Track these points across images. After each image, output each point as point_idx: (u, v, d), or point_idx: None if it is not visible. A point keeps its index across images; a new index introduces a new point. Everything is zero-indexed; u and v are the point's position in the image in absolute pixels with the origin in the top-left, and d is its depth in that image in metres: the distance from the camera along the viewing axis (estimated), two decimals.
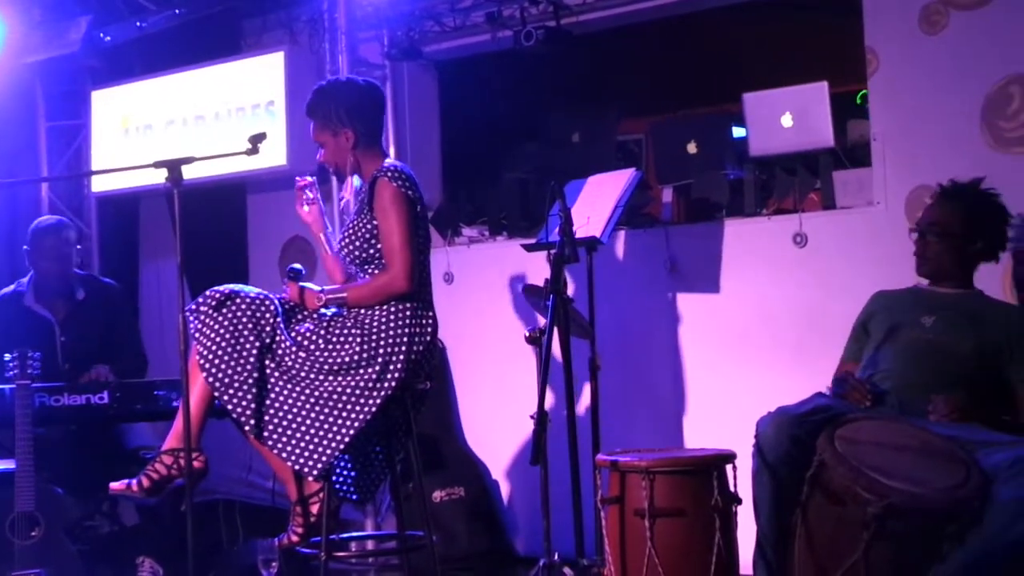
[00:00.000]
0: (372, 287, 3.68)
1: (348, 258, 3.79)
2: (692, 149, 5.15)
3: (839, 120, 4.69)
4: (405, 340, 3.64)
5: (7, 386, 4.23)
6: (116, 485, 3.65)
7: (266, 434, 3.59)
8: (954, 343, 3.59)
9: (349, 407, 3.59)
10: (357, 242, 3.72)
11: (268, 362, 3.62)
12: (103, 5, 6.12)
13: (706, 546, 3.48)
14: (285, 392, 3.61)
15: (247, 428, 3.59)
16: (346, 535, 4.46)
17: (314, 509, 3.71)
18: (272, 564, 3.68)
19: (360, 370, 3.61)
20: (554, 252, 3.79)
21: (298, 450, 3.57)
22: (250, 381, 3.57)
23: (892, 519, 3.06)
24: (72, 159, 6.63)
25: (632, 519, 3.53)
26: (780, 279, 4.75)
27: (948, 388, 3.51)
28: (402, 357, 3.63)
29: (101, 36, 6.18)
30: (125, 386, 4.59)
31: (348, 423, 3.58)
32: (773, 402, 3.50)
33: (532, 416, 3.47)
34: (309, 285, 3.73)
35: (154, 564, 4.60)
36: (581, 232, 4.27)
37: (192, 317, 3.62)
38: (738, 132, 5.13)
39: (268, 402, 3.60)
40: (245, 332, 3.59)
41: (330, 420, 3.58)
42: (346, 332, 3.63)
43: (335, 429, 3.57)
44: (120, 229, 6.79)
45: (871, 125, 4.63)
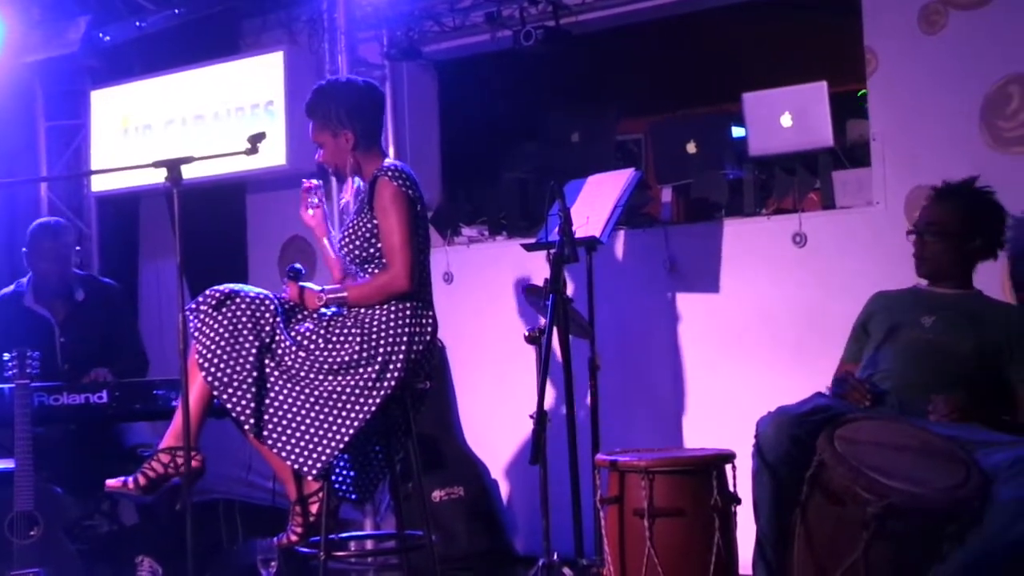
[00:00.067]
0: (372, 286, 3.68)
1: (348, 257, 3.78)
2: (691, 149, 5.15)
3: (838, 120, 4.68)
4: (405, 339, 3.64)
5: (6, 385, 4.22)
6: (112, 482, 3.65)
7: (265, 433, 3.59)
8: (954, 343, 3.59)
9: (349, 406, 3.59)
10: (357, 241, 3.72)
11: (268, 361, 3.61)
12: (102, 5, 6.11)
13: (705, 546, 3.48)
14: (285, 391, 3.61)
15: (246, 427, 3.59)
16: (345, 535, 4.46)
17: (313, 509, 3.71)
18: (271, 564, 3.68)
19: (360, 369, 3.60)
20: (554, 252, 3.79)
21: (297, 449, 3.57)
22: (249, 380, 3.57)
23: (892, 519, 3.06)
24: (71, 159, 6.62)
25: (631, 519, 3.53)
26: (779, 279, 4.75)
27: (948, 388, 3.51)
28: (402, 356, 3.63)
29: (100, 36, 6.17)
30: (124, 385, 4.59)
31: (348, 422, 3.58)
32: (773, 402, 3.50)
33: (531, 416, 3.47)
34: (309, 285, 3.73)
35: (153, 563, 4.60)
36: (580, 232, 4.26)
37: (192, 316, 3.62)
38: (737, 132, 5.13)
39: (268, 401, 3.60)
40: (244, 331, 3.59)
41: (330, 419, 3.58)
42: (346, 331, 3.63)
43: (334, 428, 3.57)
44: (120, 229, 6.79)
45: (870, 125, 4.63)
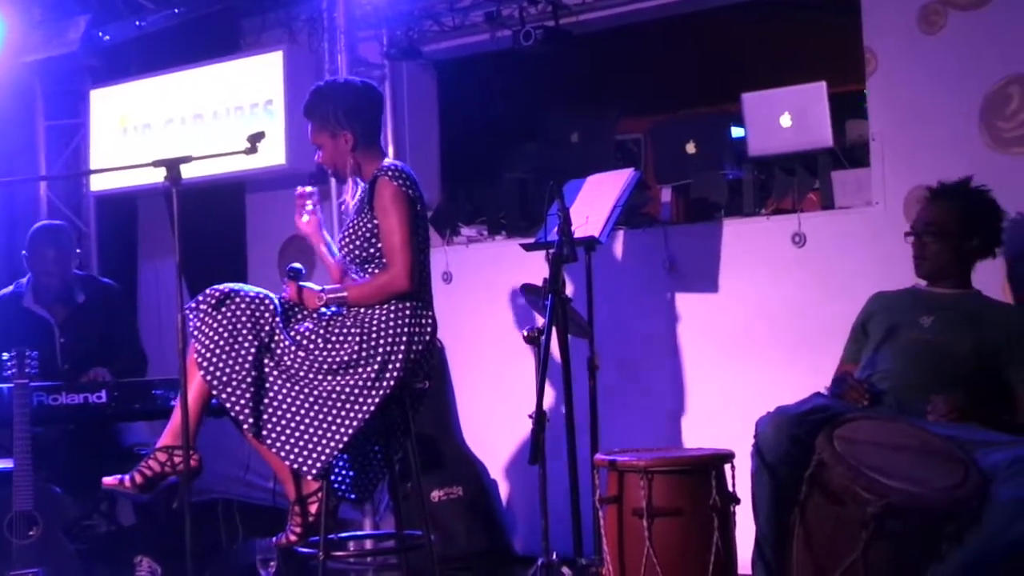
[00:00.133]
0: (373, 286, 3.68)
1: (348, 258, 3.78)
2: (691, 149, 5.14)
3: (838, 120, 4.69)
4: (404, 339, 3.64)
5: (5, 385, 4.21)
6: (109, 480, 3.64)
7: (264, 433, 3.58)
8: (953, 343, 3.60)
9: (348, 406, 3.58)
10: (357, 241, 3.72)
11: (267, 361, 3.61)
12: (102, 4, 6.10)
13: (704, 546, 3.48)
14: (284, 391, 3.60)
15: (245, 427, 3.58)
16: (344, 534, 4.46)
17: (312, 508, 3.71)
18: (270, 564, 3.68)
19: (359, 369, 3.60)
20: (553, 252, 3.79)
21: (296, 449, 3.57)
22: (248, 380, 3.57)
23: (891, 519, 3.06)
24: (71, 158, 6.61)
25: (630, 519, 3.53)
26: (779, 279, 4.75)
27: (947, 388, 3.51)
28: (401, 356, 3.63)
29: (100, 35, 6.17)
30: (123, 385, 4.59)
31: (347, 422, 3.57)
32: (772, 402, 3.50)
33: (530, 416, 3.47)
34: (309, 284, 3.72)
35: (152, 563, 4.59)
36: (580, 232, 4.26)
37: (191, 315, 3.62)
38: (737, 132, 5.13)
39: (267, 401, 3.60)
40: (244, 331, 3.59)
41: (329, 419, 3.57)
42: (345, 331, 3.63)
43: (334, 428, 3.57)
44: (119, 228, 6.78)
45: (870, 125, 4.63)
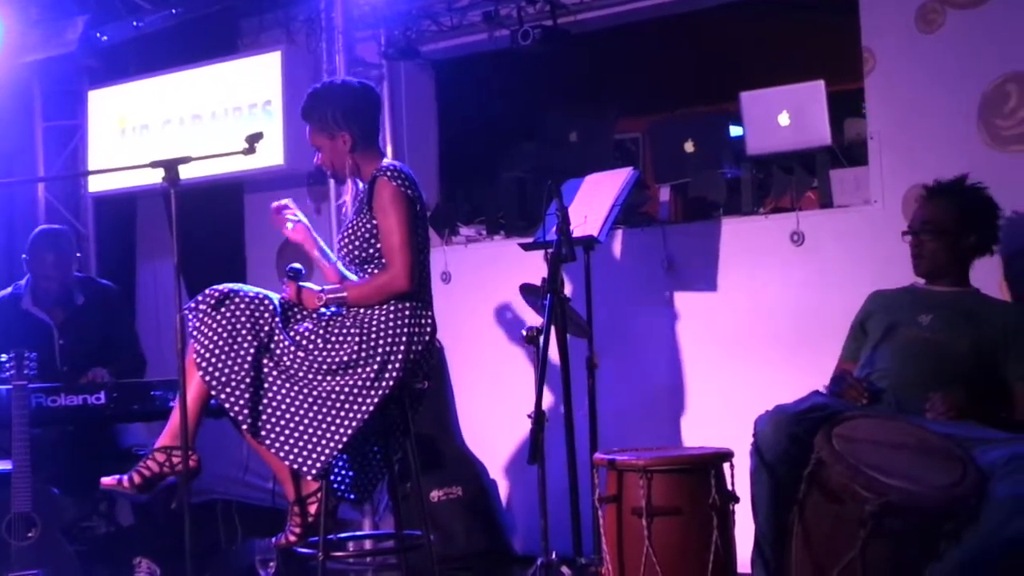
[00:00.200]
0: (372, 286, 3.67)
1: (347, 258, 3.78)
2: (689, 148, 5.14)
3: (836, 119, 4.69)
4: (404, 339, 3.64)
5: (4, 387, 4.22)
6: (108, 480, 3.64)
7: (263, 433, 3.58)
8: (951, 341, 3.60)
9: (347, 406, 3.58)
10: (356, 241, 3.72)
11: (266, 361, 3.61)
12: (100, 5, 6.10)
13: (704, 545, 3.48)
14: (283, 391, 3.60)
15: (244, 427, 3.58)
16: (344, 535, 4.45)
17: (312, 509, 3.71)
18: (270, 564, 3.68)
19: (358, 369, 3.60)
20: (551, 251, 3.79)
21: (296, 449, 3.57)
22: (247, 380, 3.57)
23: (889, 517, 3.06)
24: (69, 159, 6.61)
25: (630, 518, 3.53)
26: (777, 278, 4.75)
27: (945, 386, 3.51)
28: (400, 356, 3.63)
29: (98, 36, 6.17)
30: (122, 386, 4.59)
31: (346, 422, 3.57)
32: (771, 400, 3.50)
33: (529, 415, 3.47)
34: (308, 285, 3.72)
35: (151, 564, 4.59)
36: (578, 231, 4.26)
37: (190, 315, 3.61)
38: (735, 131, 5.13)
39: (266, 401, 3.60)
40: (243, 331, 3.59)
41: (328, 419, 3.57)
42: (344, 331, 3.63)
43: (333, 428, 3.57)
44: (117, 229, 6.77)
45: (868, 124, 4.63)
